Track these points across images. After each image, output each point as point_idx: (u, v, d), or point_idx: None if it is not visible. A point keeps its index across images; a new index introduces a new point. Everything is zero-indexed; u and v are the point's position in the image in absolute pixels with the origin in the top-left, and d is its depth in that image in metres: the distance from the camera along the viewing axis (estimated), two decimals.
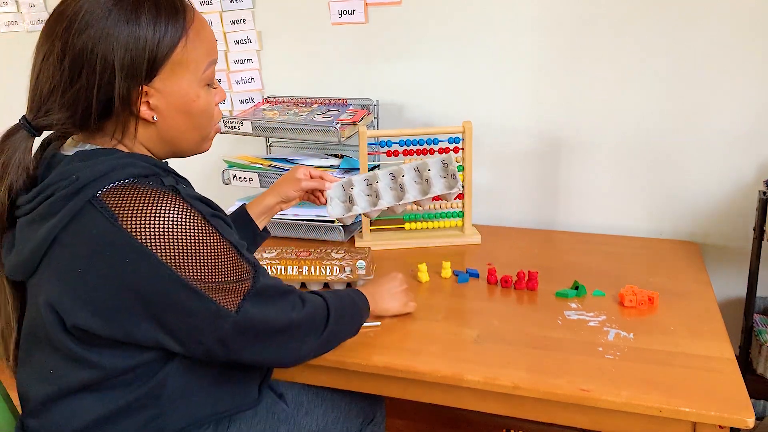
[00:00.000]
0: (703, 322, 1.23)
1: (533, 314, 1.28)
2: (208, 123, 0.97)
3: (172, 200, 0.86)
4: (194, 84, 0.92)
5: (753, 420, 0.96)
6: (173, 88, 0.90)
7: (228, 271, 0.89)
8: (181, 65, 0.90)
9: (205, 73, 0.93)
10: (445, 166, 1.41)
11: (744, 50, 1.52)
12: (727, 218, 1.64)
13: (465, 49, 1.72)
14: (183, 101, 0.92)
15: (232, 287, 0.89)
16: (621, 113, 1.65)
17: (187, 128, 0.95)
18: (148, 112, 0.90)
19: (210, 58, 0.94)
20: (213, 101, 0.97)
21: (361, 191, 1.37)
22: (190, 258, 0.85)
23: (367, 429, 1.27)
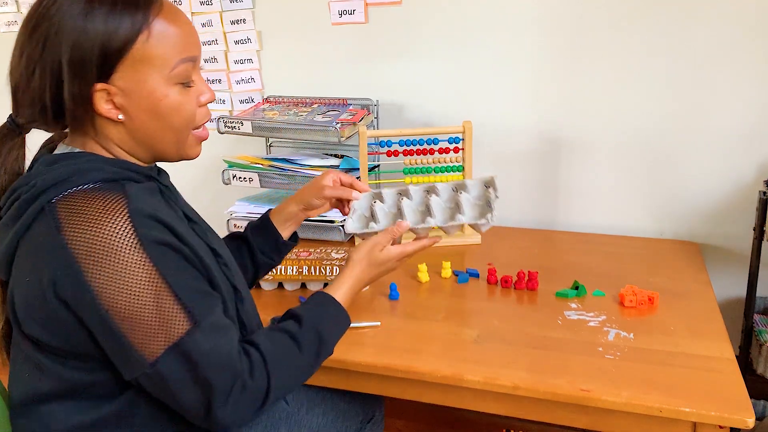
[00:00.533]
0: (703, 322, 1.23)
1: (533, 314, 1.28)
2: (183, 125, 0.88)
3: (113, 214, 0.78)
4: (161, 82, 0.84)
5: (753, 420, 0.96)
6: (137, 86, 0.83)
7: (152, 311, 0.79)
8: (143, 62, 0.82)
9: (174, 70, 0.85)
10: (486, 189, 1.21)
11: (744, 50, 1.52)
12: (727, 218, 1.64)
13: (465, 49, 1.72)
14: (149, 100, 0.84)
15: (155, 332, 0.79)
16: (621, 113, 1.65)
17: (158, 129, 0.87)
18: (113, 111, 0.84)
19: (182, 55, 0.85)
20: (189, 101, 0.88)
21: (386, 206, 1.24)
22: (113, 283, 0.77)
23: (366, 428, 1.27)
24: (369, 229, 1.17)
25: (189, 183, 2.08)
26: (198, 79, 0.90)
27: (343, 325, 1.02)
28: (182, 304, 0.80)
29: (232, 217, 1.73)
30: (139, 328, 0.78)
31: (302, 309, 0.98)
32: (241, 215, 1.72)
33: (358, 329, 1.24)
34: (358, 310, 1.32)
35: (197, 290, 0.83)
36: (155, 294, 0.79)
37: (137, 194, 0.82)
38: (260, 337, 0.90)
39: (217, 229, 1.29)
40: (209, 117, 0.94)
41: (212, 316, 0.83)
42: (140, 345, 0.79)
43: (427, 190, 1.24)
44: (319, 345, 0.95)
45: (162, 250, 0.80)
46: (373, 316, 1.29)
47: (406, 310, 1.32)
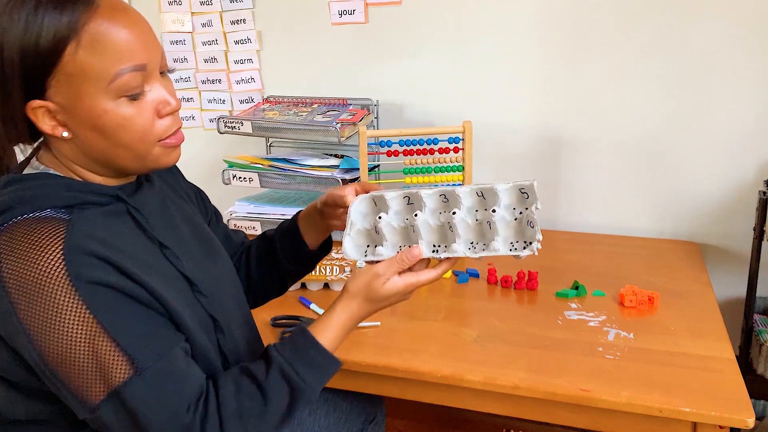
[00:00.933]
0: (703, 322, 1.23)
1: (533, 314, 1.28)
2: (135, 140, 0.78)
3: (47, 249, 0.71)
4: (99, 97, 0.74)
5: (753, 420, 0.96)
6: (74, 102, 0.74)
7: (88, 357, 0.72)
8: (76, 75, 0.73)
9: (114, 83, 0.74)
10: (523, 197, 0.92)
11: (744, 51, 1.52)
12: (727, 218, 1.64)
13: (465, 48, 1.72)
14: (89, 117, 0.75)
15: (92, 379, 0.73)
16: (621, 113, 1.65)
17: (108, 147, 0.78)
18: (58, 128, 0.76)
19: (122, 64, 0.74)
20: (140, 115, 0.77)
21: (393, 221, 0.95)
22: (46, 326, 0.71)
23: (368, 428, 1.27)
24: (375, 256, 0.93)
25: None
26: (155, 88, 0.79)
27: (327, 371, 0.87)
28: (121, 349, 0.72)
29: (232, 217, 1.73)
30: (75, 373, 0.72)
31: (277, 351, 0.85)
32: (241, 215, 1.72)
33: (359, 329, 1.24)
34: None
35: (142, 334, 0.75)
36: (90, 339, 0.72)
37: (82, 226, 0.74)
38: (225, 382, 0.81)
39: None
40: (177, 126, 0.82)
41: (160, 363, 0.75)
42: (78, 390, 0.73)
43: (444, 196, 0.95)
44: (291, 397, 0.83)
45: (98, 291, 0.72)
46: (372, 316, 1.29)
47: (406, 310, 1.32)
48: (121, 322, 0.73)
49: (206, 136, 2.04)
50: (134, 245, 0.79)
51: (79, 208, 0.77)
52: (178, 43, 1.96)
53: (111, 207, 0.80)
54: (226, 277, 0.97)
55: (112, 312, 0.73)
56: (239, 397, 0.80)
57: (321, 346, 0.86)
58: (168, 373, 0.76)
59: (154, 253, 0.82)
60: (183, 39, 1.95)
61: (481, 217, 0.93)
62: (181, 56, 1.97)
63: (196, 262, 0.89)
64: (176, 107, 0.81)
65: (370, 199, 0.97)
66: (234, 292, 0.98)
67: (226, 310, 0.91)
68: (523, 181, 0.92)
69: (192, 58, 1.97)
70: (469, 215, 0.93)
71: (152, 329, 0.76)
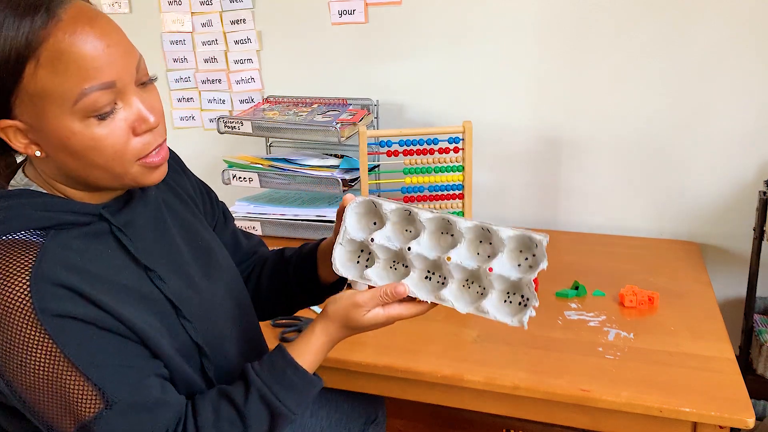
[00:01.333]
0: (703, 322, 1.23)
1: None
2: (109, 161, 0.73)
3: (14, 279, 0.68)
4: (65, 118, 0.69)
5: (753, 420, 0.96)
6: (41, 122, 0.70)
7: (57, 390, 0.70)
8: (38, 97, 0.69)
9: (79, 104, 0.69)
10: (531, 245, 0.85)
11: (744, 50, 1.52)
12: (727, 218, 1.64)
13: (465, 48, 1.72)
14: (56, 138, 0.71)
15: (63, 411, 0.71)
16: (621, 113, 1.65)
17: (82, 167, 0.73)
18: (31, 146, 0.72)
19: (86, 83, 0.68)
20: (112, 134, 0.72)
21: (387, 240, 0.89)
22: (14, 357, 0.69)
23: (369, 429, 1.26)
24: (363, 279, 0.88)
25: None
26: (130, 103, 0.73)
27: (307, 393, 0.85)
28: (91, 383, 0.70)
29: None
30: (45, 405, 0.71)
31: (255, 373, 0.82)
32: (241, 215, 1.73)
33: None
34: None
35: (113, 365, 0.72)
36: (57, 373, 0.69)
37: (55, 252, 0.71)
38: (204, 406, 0.79)
39: None
40: (157, 143, 0.76)
41: (132, 395, 0.73)
42: (51, 420, 0.71)
43: (445, 225, 0.88)
44: (271, 420, 0.81)
45: (65, 324, 0.69)
46: None
47: None
48: (90, 355, 0.71)
49: (206, 136, 2.04)
50: (113, 269, 0.76)
51: (56, 229, 0.73)
52: (178, 43, 1.96)
53: (92, 227, 0.77)
54: (224, 293, 0.93)
55: (81, 345, 0.70)
56: (218, 423, 0.79)
57: (300, 368, 0.84)
58: (141, 405, 0.74)
59: (136, 276, 0.79)
60: (183, 39, 1.95)
61: (482, 254, 0.87)
62: (181, 56, 1.97)
63: (188, 282, 0.86)
64: (154, 124, 0.75)
65: (369, 203, 0.90)
66: (233, 308, 0.94)
67: (218, 332, 0.88)
68: (531, 233, 0.83)
69: (192, 58, 1.97)
70: (468, 254, 0.87)
71: (124, 360, 0.74)
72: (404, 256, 0.88)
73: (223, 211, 1.07)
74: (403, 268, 0.89)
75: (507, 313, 0.84)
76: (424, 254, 0.87)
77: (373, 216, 0.91)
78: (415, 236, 0.88)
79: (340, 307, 0.85)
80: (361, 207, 0.91)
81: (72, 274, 0.71)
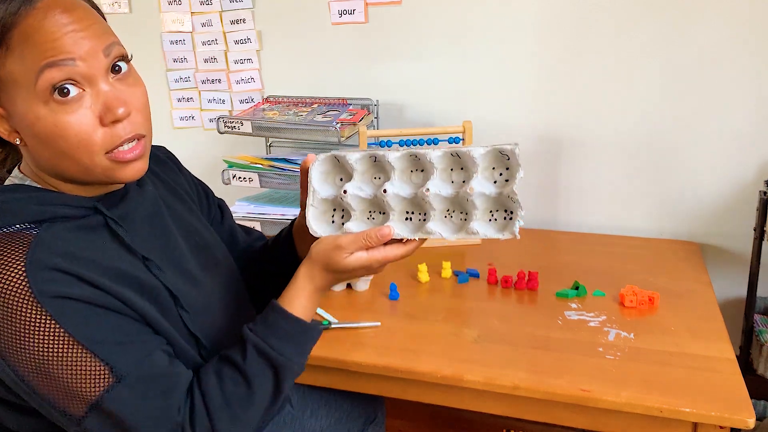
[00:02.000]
0: (704, 322, 1.23)
1: (533, 314, 1.28)
2: (75, 149, 0.71)
3: (9, 267, 0.69)
4: (31, 102, 0.69)
5: (753, 420, 0.96)
6: (12, 108, 0.71)
7: (65, 370, 0.70)
8: (7, 81, 0.70)
9: (38, 83, 0.68)
10: (503, 159, 0.84)
11: (744, 50, 1.52)
12: (727, 218, 1.64)
13: (465, 48, 1.72)
14: (26, 124, 0.71)
15: (73, 391, 0.71)
16: (621, 113, 1.65)
17: (52, 156, 0.73)
18: (12, 134, 0.73)
19: (42, 60, 0.68)
20: (75, 122, 0.70)
21: (359, 189, 0.87)
22: (17, 343, 0.69)
23: (368, 429, 1.26)
24: (342, 231, 0.85)
25: None
26: (98, 91, 0.72)
27: (304, 340, 0.84)
28: (98, 359, 0.71)
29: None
30: (54, 388, 0.71)
31: (249, 330, 0.82)
32: (241, 215, 1.72)
33: (358, 329, 1.24)
34: (358, 310, 1.32)
35: (120, 341, 0.73)
36: (64, 352, 0.70)
37: (49, 241, 0.71)
38: (206, 373, 0.80)
39: None
40: (126, 136, 0.73)
41: (141, 368, 0.73)
42: (63, 403, 0.71)
43: (413, 162, 0.87)
44: (274, 374, 0.81)
45: (65, 305, 0.70)
46: (373, 316, 1.29)
47: (406, 310, 1.32)
48: (94, 332, 0.71)
49: (206, 136, 2.04)
50: (109, 257, 0.76)
51: (50, 222, 0.74)
52: (178, 43, 1.96)
53: (86, 220, 0.76)
54: (222, 288, 0.93)
55: (83, 324, 0.71)
56: (222, 385, 0.79)
57: (292, 316, 0.82)
58: (150, 378, 0.74)
59: (134, 264, 0.78)
60: (183, 39, 1.95)
61: (456, 181, 0.85)
62: (181, 56, 1.97)
63: (186, 275, 0.86)
64: (122, 115, 0.72)
65: (332, 158, 0.87)
66: (232, 304, 0.94)
67: (216, 326, 0.88)
68: (501, 144, 0.83)
69: (192, 58, 1.97)
70: (443, 184, 0.85)
71: (127, 336, 0.74)
72: (380, 204, 0.86)
73: (220, 206, 1.07)
74: (380, 215, 0.87)
75: (495, 229, 0.83)
76: (400, 194, 0.85)
77: (339, 172, 0.89)
78: (386, 181, 0.85)
79: (321, 250, 0.83)
80: (324, 164, 0.88)
81: (66, 260, 0.71)
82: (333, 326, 1.25)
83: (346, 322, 1.26)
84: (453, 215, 0.86)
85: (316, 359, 1.16)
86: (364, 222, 0.87)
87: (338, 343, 1.20)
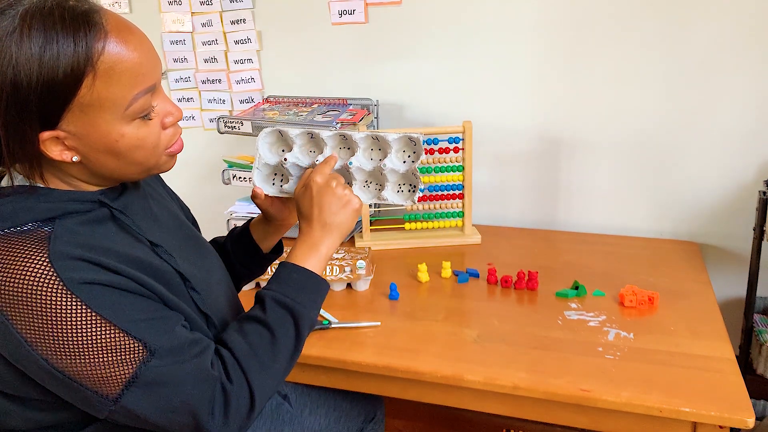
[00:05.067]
0: (703, 322, 1.23)
1: (533, 314, 1.28)
2: (148, 156, 0.80)
3: (32, 260, 0.71)
4: (115, 124, 0.75)
5: (753, 420, 0.96)
6: (89, 129, 0.74)
7: (99, 351, 0.73)
8: (92, 106, 0.73)
9: (130, 109, 0.75)
10: (411, 144, 1.07)
11: (744, 50, 1.52)
12: (727, 218, 1.64)
13: (465, 48, 1.72)
14: (104, 143, 0.76)
15: (108, 371, 0.73)
16: (621, 113, 1.65)
17: (120, 166, 0.79)
18: (66, 153, 0.76)
19: (137, 89, 0.75)
20: (151, 132, 0.79)
21: (298, 159, 1.06)
22: (48, 332, 0.71)
23: (368, 427, 1.27)
24: (282, 193, 1.06)
25: (189, 183, 2.08)
26: (161, 102, 0.80)
27: (316, 291, 0.92)
28: (131, 336, 0.74)
29: (232, 217, 1.73)
30: (89, 371, 0.73)
31: (266, 288, 0.90)
32: (241, 215, 1.73)
33: (358, 329, 1.24)
34: (358, 310, 1.33)
35: (146, 318, 0.76)
36: (100, 334, 0.73)
37: (64, 234, 0.74)
38: (230, 333, 0.86)
39: (216, 229, 1.29)
40: (178, 134, 0.85)
41: (170, 340, 0.77)
42: (96, 386, 0.74)
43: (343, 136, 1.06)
44: (294, 321, 0.88)
45: (93, 290, 0.73)
46: (373, 316, 1.29)
47: (406, 310, 1.32)
48: (124, 312, 0.75)
49: (206, 136, 2.04)
50: (122, 245, 0.79)
51: (61, 218, 0.76)
52: (178, 43, 1.96)
53: (93, 214, 0.79)
54: (216, 274, 0.98)
55: (113, 306, 0.74)
56: (248, 339, 0.85)
57: (302, 268, 0.92)
58: (180, 346, 0.78)
59: (144, 252, 0.82)
60: (183, 39, 1.95)
61: (375, 160, 1.07)
62: (181, 56, 1.97)
63: (188, 260, 0.90)
64: (179, 116, 0.83)
65: (276, 132, 1.07)
66: (225, 288, 0.99)
67: (219, 306, 0.92)
68: (412, 132, 1.06)
69: (192, 58, 1.97)
70: (365, 160, 1.07)
71: (152, 314, 0.78)
72: None
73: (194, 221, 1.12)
74: None
75: (401, 198, 1.07)
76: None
77: (282, 144, 1.08)
78: (320, 155, 1.05)
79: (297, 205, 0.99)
80: (270, 136, 1.08)
81: (86, 250, 0.74)
82: (333, 326, 1.25)
83: (346, 321, 1.27)
84: (370, 186, 1.08)
85: (316, 359, 1.17)
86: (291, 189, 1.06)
87: (338, 343, 1.20)
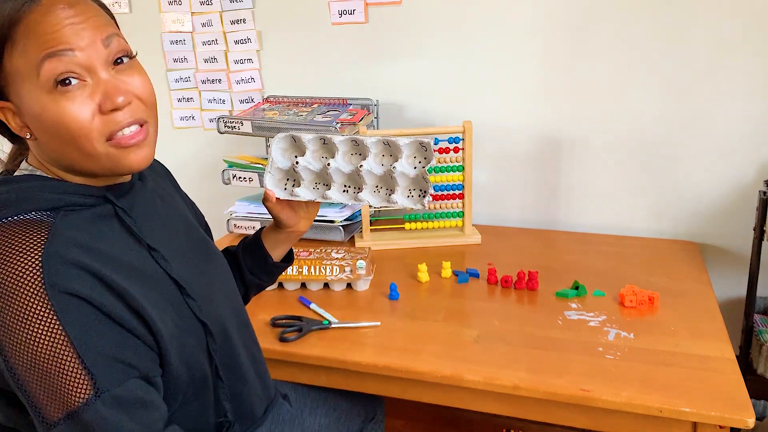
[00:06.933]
0: (703, 322, 1.23)
1: (533, 314, 1.28)
2: (77, 136, 0.73)
3: (26, 255, 0.70)
4: (36, 93, 0.72)
5: (753, 420, 0.96)
6: (21, 101, 0.73)
7: (53, 369, 0.69)
8: (14, 74, 0.72)
9: (41, 74, 0.71)
10: (422, 149, 1.06)
11: (744, 50, 1.52)
12: (727, 218, 1.64)
13: (465, 48, 1.72)
14: (33, 116, 0.73)
15: (55, 393, 0.69)
16: (621, 113, 1.65)
17: (58, 146, 0.75)
18: (24, 129, 0.75)
19: (43, 51, 0.71)
20: (74, 109, 0.72)
21: (310, 163, 1.07)
22: (16, 331, 0.69)
23: (367, 427, 1.27)
24: (293, 196, 1.06)
25: (189, 183, 2.08)
26: (95, 81, 0.74)
27: None
28: (85, 367, 0.69)
29: (232, 217, 1.73)
30: (41, 384, 0.69)
31: None
32: (241, 215, 1.73)
33: (358, 329, 1.24)
34: (358, 310, 1.32)
35: (109, 356, 0.71)
36: (55, 350, 0.69)
37: (65, 230, 0.73)
38: None
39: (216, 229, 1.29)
40: (126, 121, 0.76)
41: (119, 389, 0.71)
42: (42, 403, 0.70)
43: (354, 141, 1.07)
44: None
45: (71, 303, 0.70)
46: (373, 316, 1.29)
47: (406, 310, 1.32)
48: (90, 338, 0.70)
49: (206, 136, 2.04)
50: (119, 248, 0.77)
51: (65, 210, 0.75)
52: (178, 43, 1.96)
53: (97, 209, 0.78)
54: (221, 281, 0.96)
55: (83, 327, 0.70)
56: None
57: None
58: (125, 401, 0.72)
59: (141, 256, 0.80)
60: (183, 39, 1.95)
61: (386, 165, 1.07)
62: (181, 56, 1.98)
63: (189, 265, 0.88)
64: (122, 104, 0.74)
65: (289, 138, 1.08)
66: (231, 295, 0.97)
67: (220, 314, 0.90)
68: (422, 138, 1.06)
69: (192, 58, 1.97)
70: (375, 165, 1.07)
71: (118, 352, 0.73)
72: (325, 177, 1.07)
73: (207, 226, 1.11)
74: (324, 187, 1.08)
75: (411, 202, 1.07)
76: (341, 169, 1.07)
77: (295, 150, 1.09)
78: (330, 159, 1.06)
79: None
80: (283, 142, 1.09)
81: (82, 252, 0.72)
82: (333, 326, 1.25)
83: (346, 321, 1.26)
84: (380, 190, 1.09)
85: (316, 359, 1.17)
86: (310, 190, 1.08)
87: (338, 343, 1.20)
